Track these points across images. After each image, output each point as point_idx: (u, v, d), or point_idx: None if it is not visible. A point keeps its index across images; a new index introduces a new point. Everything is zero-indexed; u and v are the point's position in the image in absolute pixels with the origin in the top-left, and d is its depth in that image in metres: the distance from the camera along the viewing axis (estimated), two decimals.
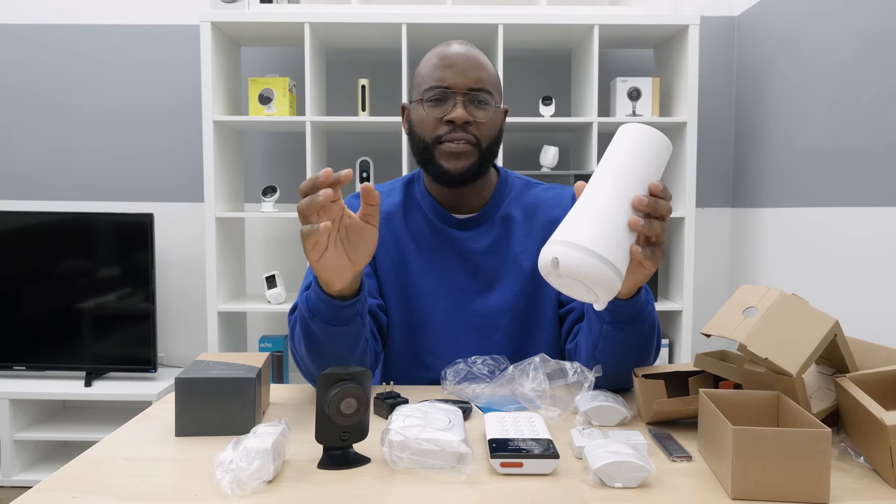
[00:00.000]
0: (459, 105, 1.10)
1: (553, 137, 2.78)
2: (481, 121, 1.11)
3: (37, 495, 0.70)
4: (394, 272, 1.18)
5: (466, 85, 1.10)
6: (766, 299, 0.83)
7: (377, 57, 2.74)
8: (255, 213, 2.44)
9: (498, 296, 1.17)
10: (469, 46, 1.14)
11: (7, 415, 2.36)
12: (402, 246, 1.19)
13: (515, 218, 1.19)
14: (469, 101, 1.11)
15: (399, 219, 1.20)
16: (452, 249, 1.18)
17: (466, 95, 1.10)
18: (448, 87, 1.10)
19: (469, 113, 1.10)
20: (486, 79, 1.12)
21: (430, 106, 1.11)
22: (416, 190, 1.23)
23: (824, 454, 0.66)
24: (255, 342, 2.78)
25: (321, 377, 0.76)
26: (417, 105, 1.14)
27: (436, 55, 1.13)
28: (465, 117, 1.10)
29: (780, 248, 2.34)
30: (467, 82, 1.10)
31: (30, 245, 2.52)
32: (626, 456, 0.71)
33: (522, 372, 0.95)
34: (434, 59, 1.13)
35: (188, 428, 0.87)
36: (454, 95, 1.10)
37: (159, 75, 2.74)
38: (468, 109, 1.11)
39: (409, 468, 0.75)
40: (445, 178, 1.13)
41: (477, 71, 1.11)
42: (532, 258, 1.17)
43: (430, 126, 1.12)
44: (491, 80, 1.13)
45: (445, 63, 1.11)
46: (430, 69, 1.12)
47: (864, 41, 1.90)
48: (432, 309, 1.17)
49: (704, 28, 2.70)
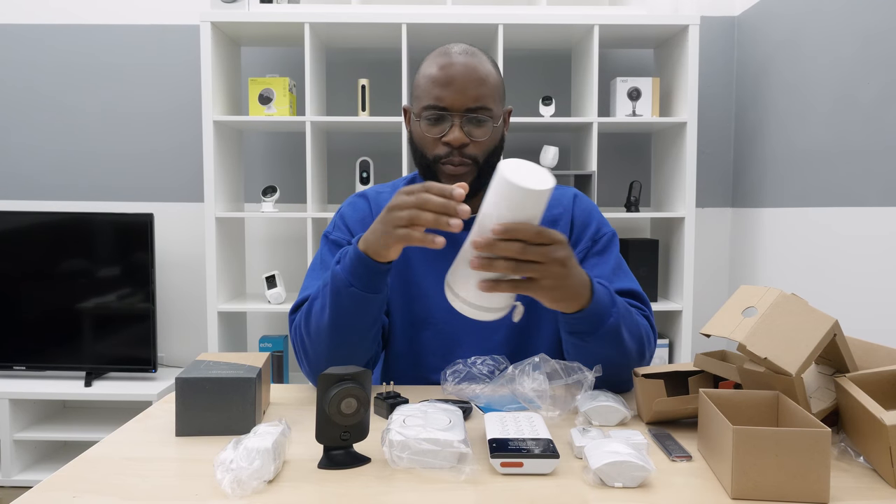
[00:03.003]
0: (456, 127, 1.08)
1: (553, 137, 2.78)
2: (480, 140, 1.10)
3: (37, 495, 0.70)
4: (396, 273, 1.18)
5: (464, 105, 1.07)
6: (765, 299, 0.83)
7: (377, 57, 2.74)
8: (255, 213, 2.44)
9: None
10: (469, 55, 1.10)
11: (7, 415, 2.36)
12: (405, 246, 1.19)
13: None
14: (467, 121, 1.09)
15: None
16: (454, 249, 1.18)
17: (463, 116, 1.08)
18: (445, 109, 1.08)
19: (467, 134, 1.09)
20: (485, 95, 1.08)
21: (428, 125, 1.10)
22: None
23: (824, 454, 0.66)
24: (255, 342, 2.78)
25: (321, 377, 0.76)
26: (416, 120, 1.12)
27: (436, 65, 1.10)
28: (462, 140, 1.08)
29: (780, 248, 2.34)
30: (465, 102, 1.07)
31: (30, 245, 2.52)
32: (626, 456, 0.71)
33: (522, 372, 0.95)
34: (433, 69, 1.10)
35: (188, 428, 0.87)
36: (451, 116, 1.08)
37: (159, 75, 2.74)
38: (466, 130, 1.09)
39: (409, 468, 0.75)
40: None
41: (476, 88, 1.08)
42: None
43: (429, 145, 1.11)
44: (491, 94, 1.10)
45: (443, 79, 1.08)
46: (428, 83, 1.09)
47: (864, 41, 1.90)
48: (433, 309, 1.17)
49: (704, 28, 2.70)
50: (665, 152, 2.61)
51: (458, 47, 1.12)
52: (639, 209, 2.57)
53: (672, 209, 2.53)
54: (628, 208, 2.56)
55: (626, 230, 2.80)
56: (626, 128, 2.60)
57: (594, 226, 1.19)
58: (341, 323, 1.00)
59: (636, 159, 2.81)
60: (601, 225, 1.20)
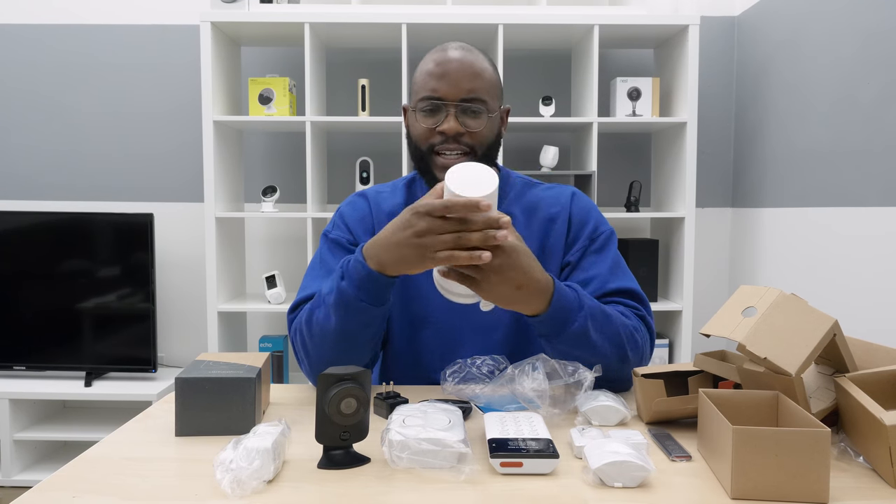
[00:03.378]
0: (451, 116, 1.10)
1: (553, 137, 2.78)
2: (474, 130, 1.11)
3: (37, 495, 0.70)
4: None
5: (458, 96, 1.09)
6: (765, 299, 0.83)
7: (377, 57, 2.74)
8: (255, 213, 2.44)
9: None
10: (465, 51, 1.12)
11: (7, 415, 2.36)
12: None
13: (516, 217, 1.19)
14: (461, 111, 1.10)
15: None
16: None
17: (458, 106, 1.10)
18: (440, 99, 1.10)
19: (462, 123, 1.10)
20: (479, 87, 1.10)
21: (423, 116, 1.12)
22: (418, 189, 1.23)
23: (824, 454, 0.66)
24: (255, 342, 2.78)
25: (321, 377, 0.76)
26: (412, 113, 1.14)
27: (432, 60, 1.12)
28: (457, 129, 1.10)
29: (780, 248, 2.34)
30: (459, 93, 1.09)
31: (30, 245, 2.52)
32: (625, 456, 0.71)
33: (522, 372, 0.95)
34: (429, 64, 1.12)
35: (188, 428, 0.87)
36: (446, 107, 1.10)
37: (159, 75, 2.74)
38: (461, 120, 1.10)
39: (409, 468, 0.75)
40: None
41: (470, 80, 1.10)
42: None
43: (424, 135, 1.13)
44: (486, 87, 1.11)
45: (439, 72, 1.10)
46: (424, 77, 1.12)
47: (864, 41, 1.90)
48: (432, 309, 1.17)
49: (704, 28, 2.70)
50: (665, 152, 2.61)
51: (455, 44, 1.14)
52: (639, 209, 2.57)
53: (672, 209, 2.53)
54: (628, 208, 2.56)
55: (626, 230, 2.80)
56: (626, 128, 2.60)
57: (592, 224, 1.19)
58: (348, 332, 1.01)
59: (636, 159, 2.81)
60: (599, 223, 1.20)
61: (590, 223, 1.19)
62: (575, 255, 1.17)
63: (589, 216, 1.20)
